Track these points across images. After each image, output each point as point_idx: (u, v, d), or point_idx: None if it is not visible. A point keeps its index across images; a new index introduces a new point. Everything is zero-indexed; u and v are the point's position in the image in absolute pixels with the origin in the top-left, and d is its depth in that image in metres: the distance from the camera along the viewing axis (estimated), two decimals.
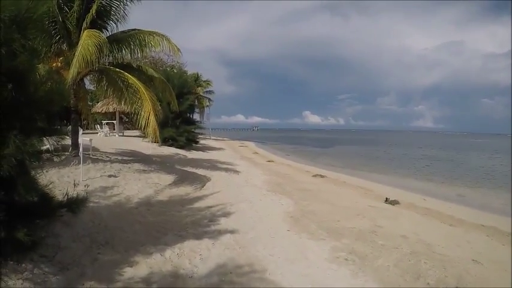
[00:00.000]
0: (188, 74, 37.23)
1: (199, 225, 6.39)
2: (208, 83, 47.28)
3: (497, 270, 5.53)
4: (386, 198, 11.04)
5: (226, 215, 7.22)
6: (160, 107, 10.68)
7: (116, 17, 11.02)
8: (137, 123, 10.49)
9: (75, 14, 10.17)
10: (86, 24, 9.91)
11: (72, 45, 10.09)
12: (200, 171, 13.04)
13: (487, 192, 15.88)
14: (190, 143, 23.48)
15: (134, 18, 11.34)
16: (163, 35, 10.88)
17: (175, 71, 30.98)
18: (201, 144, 26.92)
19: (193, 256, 4.83)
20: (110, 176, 9.45)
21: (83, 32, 9.44)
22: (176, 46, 10.97)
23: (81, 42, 8.84)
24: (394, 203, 10.64)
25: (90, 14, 9.87)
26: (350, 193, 12.01)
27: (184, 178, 11.19)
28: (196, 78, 44.35)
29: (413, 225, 8.00)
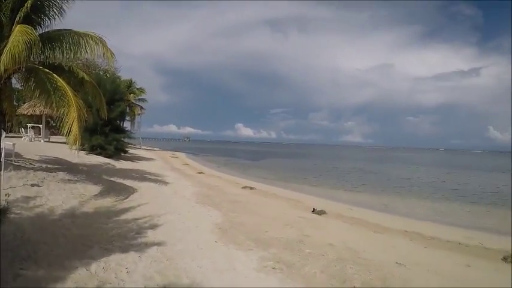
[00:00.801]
0: (121, 79, 36.20)
1: (125, 237, 6.40)
2: (141, 91, 45.80)
3: (421, 271, 6.05)
4: (314, 209, 11.52)
5: (153, 227, 7.28)
6: (89, 113, 10.36)
7: (52, 13, 10.33)
8: (61, 129, 9.88)
9: (10, 5, 9.36)
10: (20, 18, 9.14)
11: (3, 39, 9.24)
12: (128, 182, 13.12)
13: (410, 201, 17.52)
14: (119, 152, 23.12)
15: (72, 16, 10.79)
16: (98, 38, 10.39)
17: (108, 75, 30.01)
18: (130, 153, 26.45)
19: (120, 270, 4.79)
20: (32, 185, 9.31)
21: (15, 26, 8.81)
22: (111, 51, 10.56)
23: (11, 38, 8.27)
24: (321, 213, 11.19)
25: (24, 7, 9.11)
26: (279, 204, 12.48)
27: (111, 189, 11.21)
28: (130, 84, 42.99)
29: (340, 233, 8.54)
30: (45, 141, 24.55)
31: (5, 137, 10.42)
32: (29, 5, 9.19)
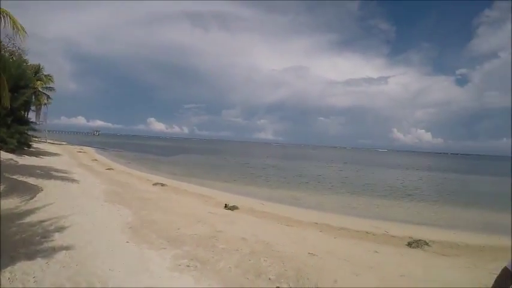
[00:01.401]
0: (28, 64, 32.43)
1: (31, 243, 5.91)
2: (49, 78, 40.96)
3: (332, 259, 6.33)
4: (226, 205, 11.56)
5: (60, 229, 6.82)
6: None
7: None
8: None
9: None
10: None
11: None
12: (32, 180, 12.31)
13: (320, 195, 18.61)
14: (22, 146, 21.45)
15: None
16: (5, 10, 8.86)
17: (14, 58, 26.52)
18: (35, 148, 24.59)
19: (27, 279, 4.49)
20: None
21: None
22: (21, 26, 9.10)
23: None
24: (233, 208, 11.23)
25: None
26: (191, 201, 12.31)
27: (13, 188, 10.45)
28: (37, 70, 38.24)
29: (252, 227, 8.58)
30: None
31: None
32: None
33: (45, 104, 42.37)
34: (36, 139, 26.10)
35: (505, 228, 11.47)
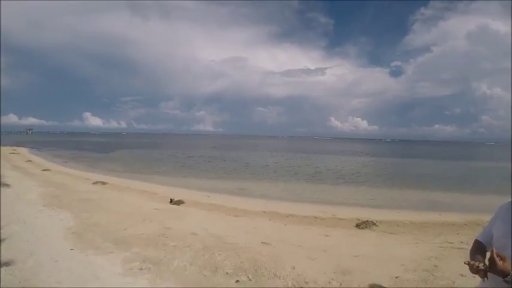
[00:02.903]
0: None
1: None
2: None
3: (285, 246, 6.41)
4: (171, 199, 11.24)
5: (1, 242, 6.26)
6: None
7: None
8: None
9: None
10: None
11: None
12: None
13: (264, 184, 18.90)
14: None
15: None
16: None
17: None
18: None
19: None
20: None
21: None
22: None
23: None
24: (179, 203, 10.97)
25: None
26: (134, 198, 11.88)
27: None
28: None
29: (201, 221, 8.46)
30: None
31: None
32: None
33: None
34: None
35: (443, 205, 12.55)
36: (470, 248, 1.99)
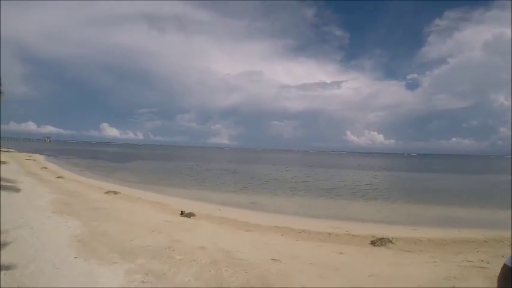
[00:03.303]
0: None
1: None
2: None
3: (296, 264, 6.14)
4: (182, 212, 11.11)
5: (1, 246, 6.20)
6: None
7: None
8: None
9: None
10: None
11: None
12: None
13: (278, 198, 18.63)
14: None
15: None
16: None
17: None
18: None
19: None
20: None
21: None
22: None
23: None
24: (190, 215, 10.83)
25: None
26: (145, 209, 11.84)
27: None
28: None
29: (211, 235, 8.29)
30: None
31: None
32: None
33: None
34: None
35: (461, 221, 12.07)
36: (498, 274, 1.75)
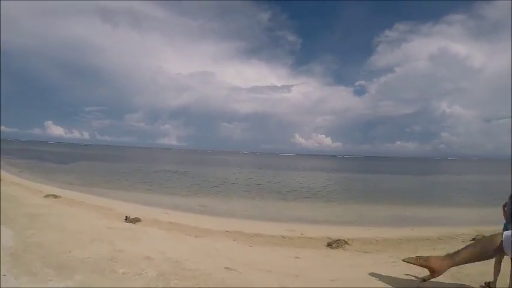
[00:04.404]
0: None
1: None
2: None
3: (252, 272, 5.74)
4: (127, 217, 10.36)
5: None
6: None
7: None
8: None
9: None
10: None
11: None
12: None
13: (228, 201, 18.24)
14: None
15: None
16: None
17: None
18: None
19: None
20: None
21: None
22: None
23: None
24: (135, 221, 10.09)
25: None
26: (87, 214, 10.89)
27: None
28: None
29: (158, 243, 7.67)
30: None
31: None
32: None
33: None
34: None
35: (412, 220, 12.41)
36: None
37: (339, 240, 8.32)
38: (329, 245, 8.11)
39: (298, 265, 6.36)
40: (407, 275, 5.43)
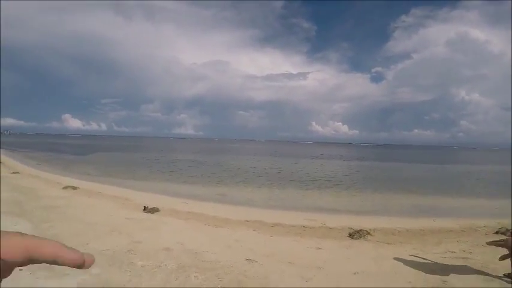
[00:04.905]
0: None
1: None
2: None
3: (273, 263, 5.61)
4: (145, 207, 10.26)
5: None
6: None
7: None
8: None
9: None
10: None
11: None
12: None
13: (247, 189, 18.02)
14: None
15: None
16: None
17: None
18: None
19: None
20: None
21: None
22: None
23: None
24: (153, 211, 10.01)
25: None
26: (105, 205, 10.85)
27: None
28: None
29: (177, 233, 7.57)
30: None
31: None
32: None
33: None
34: None
35: (433, 210, 12.05)
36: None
37: (360, 230, 8.06)
38: (351, 235, 7.87)
39: (320, 257, 6.19)
40: (432, 271, 5.23)
